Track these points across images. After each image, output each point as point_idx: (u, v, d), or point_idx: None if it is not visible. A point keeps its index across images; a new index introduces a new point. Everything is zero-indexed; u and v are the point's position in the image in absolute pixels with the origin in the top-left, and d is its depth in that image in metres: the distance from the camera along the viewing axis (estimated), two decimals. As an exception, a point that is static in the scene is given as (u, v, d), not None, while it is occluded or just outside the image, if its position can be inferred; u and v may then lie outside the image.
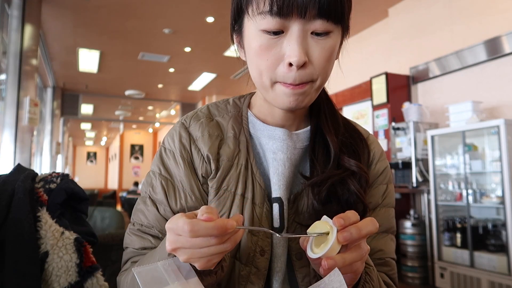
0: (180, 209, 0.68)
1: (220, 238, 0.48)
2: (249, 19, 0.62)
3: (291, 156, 0.69)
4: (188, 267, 0.53)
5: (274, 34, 0.59)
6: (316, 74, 0.61)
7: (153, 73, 7.32)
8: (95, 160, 18.07)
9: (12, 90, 3.76)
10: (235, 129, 0.72)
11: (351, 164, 0.67)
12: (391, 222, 0.75)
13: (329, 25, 0.59)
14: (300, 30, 0.58)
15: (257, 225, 0.66)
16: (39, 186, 0.98)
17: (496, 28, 3.55)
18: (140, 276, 0.49)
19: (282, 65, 0.60)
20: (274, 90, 0.63)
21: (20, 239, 0.85)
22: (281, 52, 0.60)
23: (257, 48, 0.61)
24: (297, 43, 0.58)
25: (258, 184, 0.68)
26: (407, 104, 4.16)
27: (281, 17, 0.57)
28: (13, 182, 0.93)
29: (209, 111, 0.76)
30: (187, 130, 0.72)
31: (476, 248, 3.36)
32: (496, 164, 3.30)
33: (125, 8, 4.71)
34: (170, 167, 0.71)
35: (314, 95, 0.65)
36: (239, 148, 0.70)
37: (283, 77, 0.60)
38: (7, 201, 0.88)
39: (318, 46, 0.60)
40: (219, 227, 0.47)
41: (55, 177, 1.01)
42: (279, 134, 0.70)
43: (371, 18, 4.98)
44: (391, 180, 0.77)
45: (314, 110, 0.74)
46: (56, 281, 0.88)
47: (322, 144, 0.70)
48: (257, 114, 0.74)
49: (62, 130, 9.56)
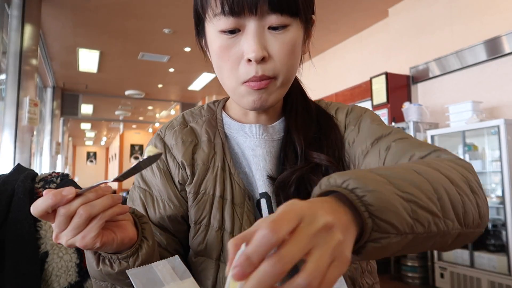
0: (159, 218, 0.69)
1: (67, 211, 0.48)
2: (208, 23, 0.63)
3: (270, 150, 0.70)
4: (183, 267, 0.53)
5: (231, 33, 0.60)
6: (278, 69, 0.61)
7: (153, 73, 7.32)
8: (95, 160, 18.07)
9: (12, 90, 3.76)
10: (209, 132, 0.73)
11: (320, 157, 0.67)
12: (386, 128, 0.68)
13: (285, 19, 0.60)
14: (256, 26, 0.59)
15: (239, 225, 0.66)
16: (39, 186, 0.98)
17: (496, 28, 3.55)
18: (135, 278, 0.49)
19: (243, 63, 0.61)
20: (239, 91, 0.63)
21: (20, 239, 0.85)
22: (240, 51, 0.60)
23: (218, 50, 0.62)
24: (253, 39, 0.59)
25: (237, 184, 0.68)
26: (407, 104, 4.16)
27: (234, 16, 0.58)
28: (13, 182, 0.92)
29: (183, 118, 0.77)
30: (162, 140, 0.74)
31: (476, 248, 3.36)
32: (496, 164, 3.30)
33: (125, 8, 4.70)
34: (148, 178, 0.72)
35: (279, 93, 0.65)
36: (215, 150, 0.71)
37: (246, 74, 0.61)
38: (7, 201, 0.88)
39: (277, 40, 0.60)
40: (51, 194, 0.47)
41: (55, 177, 1.01)
42: (254, 130, 0.71)
43: (371, 18, 4.98)
44: (364, 110, 0.74)
45: (288, 103, 0.75)
46: (56, 281, 0.88)
47: (292, 140, 0.71)
48: (232, 115, 0.75)
49: (62, 130, 9.55)
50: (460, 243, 0.47)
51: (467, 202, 0.45)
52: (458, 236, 0.44)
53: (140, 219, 0.60)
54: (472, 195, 0.47)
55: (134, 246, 0.56)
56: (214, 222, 0.66)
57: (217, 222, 0.66)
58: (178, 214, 0.69)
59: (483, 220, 0.48)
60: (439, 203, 0.41)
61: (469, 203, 0.45)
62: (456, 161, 0.53)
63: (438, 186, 0.43)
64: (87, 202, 0.48)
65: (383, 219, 0.36)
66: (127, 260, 0.56)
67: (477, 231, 0.48)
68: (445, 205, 0.42)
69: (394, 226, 0.36)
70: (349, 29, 5.30)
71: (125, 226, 0.55)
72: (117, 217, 0.55)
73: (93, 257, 0.57)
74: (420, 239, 0.39)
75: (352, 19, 4.97)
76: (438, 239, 0.42)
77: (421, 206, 0.39)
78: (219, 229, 0.66)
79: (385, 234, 0.36)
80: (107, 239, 0.51)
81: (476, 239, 0.49)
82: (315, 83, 4.68)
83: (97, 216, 0.49)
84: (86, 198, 0.49)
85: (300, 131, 0.70)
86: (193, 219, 0.69)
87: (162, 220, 0.69)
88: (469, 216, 0.45)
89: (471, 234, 0.47)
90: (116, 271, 0.56)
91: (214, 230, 0.66)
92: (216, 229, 0.66)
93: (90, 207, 0.48)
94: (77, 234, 0.49)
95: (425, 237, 0.40)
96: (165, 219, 0.69)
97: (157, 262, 0.52)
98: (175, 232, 0.70)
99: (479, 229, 0.48)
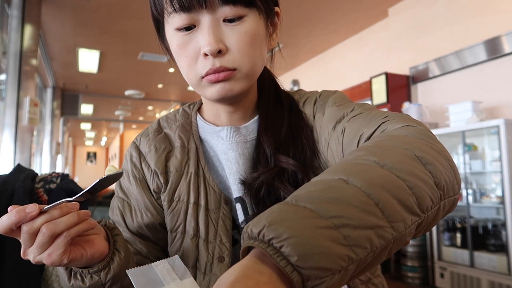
0: (137, 227, 0.69)
1: (29, 229, 0.47)
2: (166, 24, 0.63)
3: (243, 152, 0.68)
4: (183, 267, 0.53)
5: (187, 30, 0.60)
6: (238, 61, 0.60)
7: (153, 73, 7.32)
8: (95, 160, 18.07)
9: (12, 90, 3.76)
10: (182, 137, 0.72)
11: (288, 162, 0.64)
12: (347, 106, 0.63)
13: (239, 10, 0.58)
14: (210, 20, 0.58)
15: (214, 231, 0.64)
16: (39, 186, 0.98)
17: (496, 28, 3.55)
18: (135, 278, 0.49)
19: (201, 58, 0.60)
20: (201, 85, 0.62)
21: (20, 239, 0.85)
22: (197, 46, 0.60)
23: (176, 48, 0.62)
24: (208, 33, 0.58)
25: (212, 189, 0.67)
26: (407, 104, 4.16)
27: (185, 11, 0.58)
28: (13, 182, 0.93)
29: (158, 124, 0.76)
30: (138, 148, 0.73)
31: (476, 248, 3.36)
32: (496, 164, 3.30)
33: (125, 8, 4.70)
34: (125, 187, 0.72)
35: (244, 83, 0.62)
36: (188, 156, 0.70)
37: (203, 68, 0.60)
38: (7, 201, 0.88)
39: (234, 32, 0.59)
40: (14, 212, 0.47)
41: (55, 177, 1.01)
42: (225, 133, 0.69)
43: (371, 18, 4.98)
44: (329, 97, 0.70)
45: (260, 99, 0.73)
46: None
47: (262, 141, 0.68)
48: (206, 118, 0.74)
49: (62, 130, 9.55)
50: (427, 227, 0.40)
51: (418, 185, 0.38)
52: (420, 225, 0.38)
53: (113, 231, 0.60)
54: (424, 169, 0.40)
55: (105, 260, 0.56)
56: (189, 229, 0.66)
57: (192, 229, 0.65)
58: (156, 222, 0.69)
59: (450, 186, 0.41)
60: (379, 209, 0.34)
61: (421, 184, 0.38)
62: (402, 131, 0.47)
63: (374, 188, 0.35)
64: (50, 220, 0.48)
65: (310, 267, 0.30)
66: (98, 274, 0.56)
67: (449, 200, 0.42)
68: (387, 208, 0.35)
69: (325, 269, 0.30)
70: (349, 29, 5.29)
71: (95, 240, 0.55)
72: (87, 232, 0.54)
73: (65, 272, 0.56)
74: (368, 260, 0.34)
75: (352, 19, 4.97)
76: (393, 246, 0.35)
77: (355, 226, 0.32)
78: (194, 236, 0.65)
79: (319, 280, 0.30)
80: (75, 255, 0.51)
81: (476, 239, 0.44)
82: (315, 83, 4.73)
83: (61, 234, 0.48)
84: (49, 216, 0.48)
85: (269, 133, 0.67)
86: (169, 227, 0.68)
87: (141, 229, 0.69)
88: (425, 199, 0.38)
89: (441, 209, 0.41)
90: (88, 286, 0.56)
91: (189, 238, 0.65)
92: (191, 237, 0.65)
93: (54, 225, 0.48)
94: (43, 251, 0.48)
95: (374, 256, 0.34)
96: (143, 228, 0.69)
97: (157, 262, 0.52)
98: (155, 240, 0.70)
99: (453, 196, 0.42)
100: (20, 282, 0.82)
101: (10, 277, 0.81)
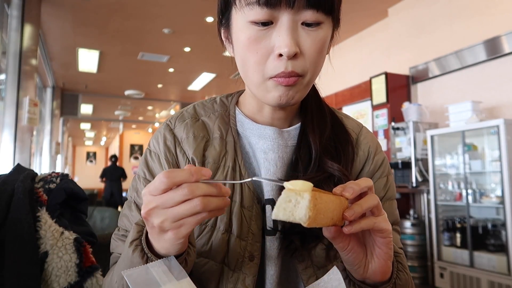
0: None
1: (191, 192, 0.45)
2: (236, 11, 0.59)
3: (282, 155, 0.67)
4: (179, 267, 0.52)
5: (263, 25, 0.57)
6: (307, 67, 0.59)
7: (152, 73, 7.32)
8: (95, 160, 18.05)
9: (11, 90, 3.76)
10: (221, 129, 0.70)
11: (333, 167, 0.64)
12: (395, 214, 0.71)
13: (320, 16, 0.57)
14: (290, 20, 0.56)
15: (246, 229, 0.64)
16: (38, 186, 0.98)
17: (496, 28, 3.55)
18: (131, 279, 0.48)
19: (272, 58, 0.58)
20: (264, 86, 0.60)
21: (19, 239, 0.85)
22: (271, 44, 0.57)
23: (246, 41, 0.58)
24: (287, 34, 0.56)
25: (247, 186, 0.65)
26: (407, 104, 4.16)
27: (269, 7, 0.55)
28: (13, 182, 0.92)
29: (195, 110, 0.74)
30: (172, 132, 0.70)
31: (475, 248, 3.36)
32: (496, 164, 3.30)
33: (125, 8, 4.70)
34: (155, 170, 0.69)
35: (304, 91, 0.63)
36: (226, 149, 0.68)
37: (274, 69, 0.58)
38: (6, 201, 0.88)
39: (309, 37, 0.58)
40: (193, 171, 0.45)
41: (55, 177, 1.01)
42: (269, 133, 0.68)
43: (371, 18, 4.98)
44: (390, 171, 0.74)
45: (303, 106, 0.72)
46: (55, 281, 0.88)
47: (307, 144, 0.68)
48: (246, 113, 0.72)
49: (62, 130, 9.54)
50: None
51: None
52: None
53: None
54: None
55: (184, 253, 0.54)
56: (220, 225, 0.64)
57: (224, 224, 0.64)
58: None
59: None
60: None
61: None
62: None
63: None
64: (208, 195, 0.46)
65: None
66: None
67: None
68: None
69: None
70: (349, 29, 5.30)
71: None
72: None
73: (141, 261, 0.52)
74: None
75: (352, 19, 4.97)
76: None
77: None
78: (226, 231, 0.63)
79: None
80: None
81: (476, 239, 0.49)
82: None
83: (202, 213, 0.46)
84: (209, 191, 0.46)
85: (316, 134, 0.67)
86: None
87: None
88: None
89: None
90: None
91: (220, 233, 0.63)
92: (223, 232, 0.63)
93: (208, 202, 0.46)
94: (178, 220, 0.46)
95: None
96: None
97: (152, 262, 0.51)
98: None
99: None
100: (20, 282, 0.82)
101: (10, 277, 0.81)
